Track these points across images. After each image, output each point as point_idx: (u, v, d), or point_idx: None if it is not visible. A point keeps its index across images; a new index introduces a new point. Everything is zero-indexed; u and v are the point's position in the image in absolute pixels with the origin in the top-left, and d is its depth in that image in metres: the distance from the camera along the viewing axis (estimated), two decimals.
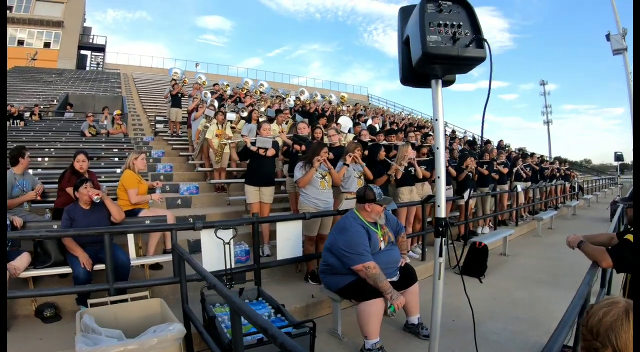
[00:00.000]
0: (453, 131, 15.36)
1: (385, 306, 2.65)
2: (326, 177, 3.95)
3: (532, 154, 10.07)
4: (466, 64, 1.44)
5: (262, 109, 9.15)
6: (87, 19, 28.64)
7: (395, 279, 2.79)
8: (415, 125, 12.57)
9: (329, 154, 4.04)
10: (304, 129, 5.23)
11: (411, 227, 4.89)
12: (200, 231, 2.84)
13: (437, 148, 1.67)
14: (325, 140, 6.17)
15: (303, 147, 4.79)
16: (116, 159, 7.47)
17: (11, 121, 9.90)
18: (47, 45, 23.98)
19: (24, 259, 2.89)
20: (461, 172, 5.77)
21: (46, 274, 2.97)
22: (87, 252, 2.90)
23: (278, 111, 7.80)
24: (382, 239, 2.73)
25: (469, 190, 5.46)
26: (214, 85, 11.69)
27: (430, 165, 5.26)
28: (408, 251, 3.56)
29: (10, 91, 16.86)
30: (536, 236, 7.19)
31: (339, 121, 9.61)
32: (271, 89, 14.17)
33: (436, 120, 1.64)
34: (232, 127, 7.14)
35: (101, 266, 2.80)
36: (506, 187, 7.50)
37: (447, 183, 5.67)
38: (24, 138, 8.53)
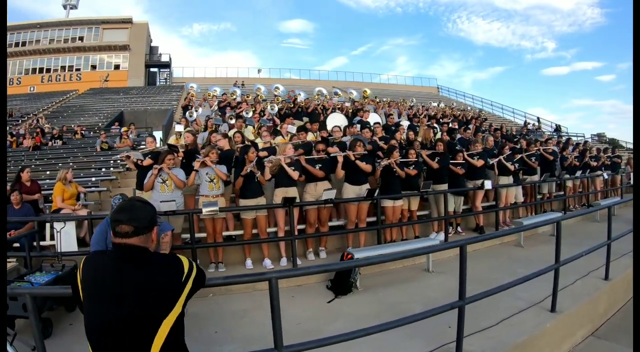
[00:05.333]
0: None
1: None
2: (167, 181, 4.86)
3: (547, 140, 8.89)
4: None
5: (249, 115, 10.25)
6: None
7: None
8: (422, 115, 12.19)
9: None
10: (187, 138, 6.05)
11: (282, 231, 5.17)
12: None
13: None
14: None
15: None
16: (103, 169, 9.43)
17: (53, 141, 12.75)
18: (117, 67, 29.38)
19: None
20: (376, 168, 5.75)
21: None
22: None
23: (238, 116, 8.75)
24: None
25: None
26: (223, 94, 13.27)
27: (327, 163, 5.50)
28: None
29: (79, 111, 21.27)
30: (518, 246, 6.35)
31: (328, 119, 10.22)
32: (286, 92, 15.14)
33: None
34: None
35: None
36: (488, 183, 6.96)
37: (362, 182, 5.73)
38: (50, 155, 11.20)
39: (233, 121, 8.60)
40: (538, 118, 23.26)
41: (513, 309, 3.62)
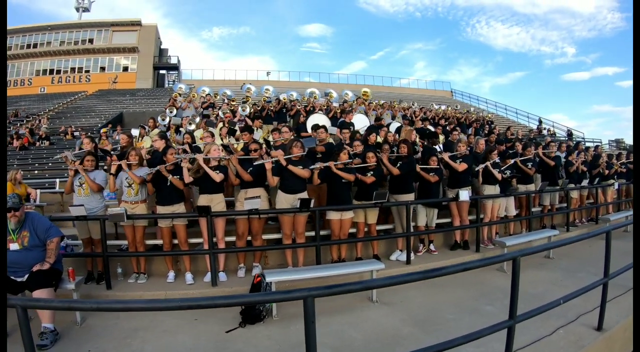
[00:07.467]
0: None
1: None
2: (84, 185, 4.60)
3: (549, 144, 7.87)
4: None
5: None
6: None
7: (20, 279, 3.32)
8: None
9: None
10: (122, 140, 5.73)
11: (206, 244, 4.68)
12: None
13: None
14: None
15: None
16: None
17: (40, 142, 12.89)
18: (125, 68, 29.97)
19: None
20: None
21: None
22: None
23: (204, 116, 8.41)
24: (15, 240, 3.31)
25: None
26: (207, 95, 13.02)
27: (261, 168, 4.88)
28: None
29: (83, 112, 21.66)
30: (500, 270, 5.32)
31: (309, 120, 9.77)
32: (275, 93, 14.76)
33: None
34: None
35: None
36: (463, 194, 6.12)
37: (297, 190, 5.00)
38: (32, 153, 11.49)
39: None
40: (540, 119, 22.22)
41: None
